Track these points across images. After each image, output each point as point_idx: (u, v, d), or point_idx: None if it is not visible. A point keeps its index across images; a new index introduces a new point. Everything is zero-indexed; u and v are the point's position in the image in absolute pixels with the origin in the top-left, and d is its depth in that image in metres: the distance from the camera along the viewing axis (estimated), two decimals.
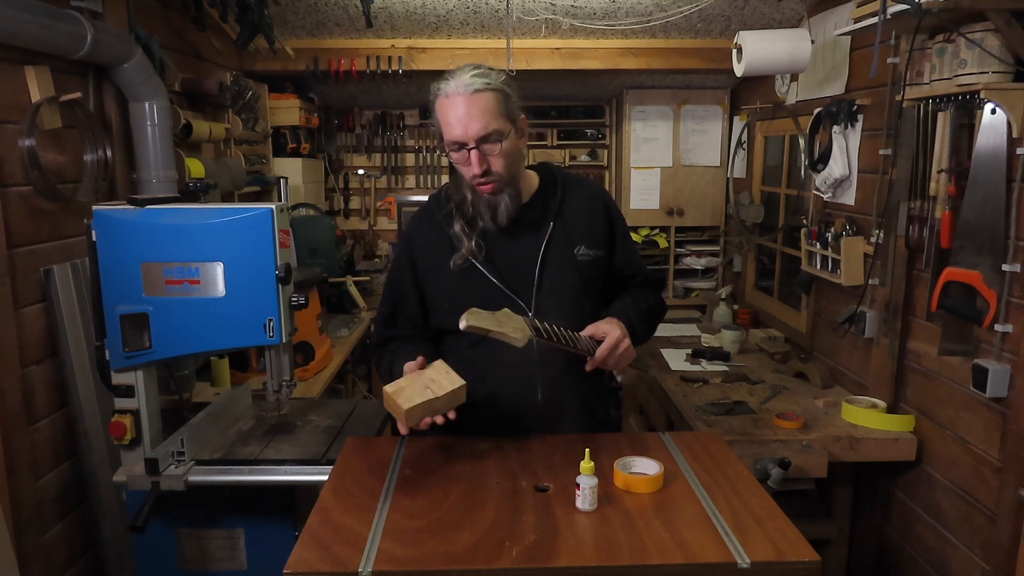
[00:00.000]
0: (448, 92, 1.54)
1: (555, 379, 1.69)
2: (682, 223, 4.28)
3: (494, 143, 1.55)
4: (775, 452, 2.30)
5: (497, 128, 1.54)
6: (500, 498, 1.41)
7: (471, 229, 1.65)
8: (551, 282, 1.67)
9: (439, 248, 1.68)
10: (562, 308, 1.67)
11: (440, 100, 1.56)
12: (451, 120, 1.53)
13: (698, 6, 3.14)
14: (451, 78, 1.55)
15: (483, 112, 1.52)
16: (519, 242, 1.67)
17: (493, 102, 1.54)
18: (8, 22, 1.74)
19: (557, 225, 1.68)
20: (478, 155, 1.54)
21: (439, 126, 1.58)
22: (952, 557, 2.26)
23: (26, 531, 1.90)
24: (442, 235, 1.68)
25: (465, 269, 1.64)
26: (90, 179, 2.18)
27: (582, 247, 1.69)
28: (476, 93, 1.52)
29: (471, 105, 1.52)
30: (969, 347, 2.15)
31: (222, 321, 1.75)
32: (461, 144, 1.54)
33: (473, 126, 1.52)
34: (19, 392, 1.88)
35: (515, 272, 1.66)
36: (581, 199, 1.74)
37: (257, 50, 3.35)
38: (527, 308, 1.65)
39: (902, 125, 2.33)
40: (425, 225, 1.73)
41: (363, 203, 4.60)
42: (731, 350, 3.28)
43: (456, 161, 1.59)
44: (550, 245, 1.67)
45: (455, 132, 1.53)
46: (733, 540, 1.25)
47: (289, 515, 1.86)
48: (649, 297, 1.84)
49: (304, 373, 2.81)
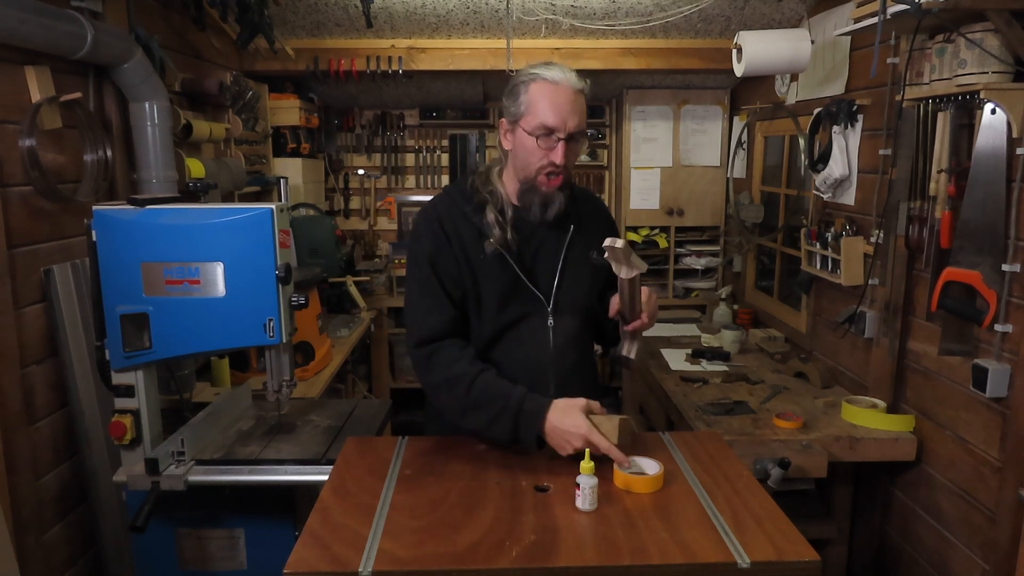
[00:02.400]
0: (556, 79, 1.58)
1: (566, 375, 1.73)
2: (682, 223, 4.28)
3: (579, 142, 1.63)
4: (775, 452, 2.30)
5: (585, 130, 1.63)
6: (500, 498, 1.41)
7: (504, 220, 1.66)
8: (569, 281, 1.72)
9: (469, 234, 1.67)
10: (577, 307, 1.74)
11: (541, 84, 1.58)
12: (552, 106, 1.57)
13: (698, 6, 3.14)
14: (552, 67, 1.59)
15: (582, 111, 1.60)
16: (543, 241, 1.71)
17: (586, 107, 1.63)
18: (8, 22, 1.74)
19: (576, 228, 1.74)
20: (564, 146, 1.59)
21: (526, 108, 1.59)
22: (952, 557, 2.26)
23: (26, 531, 1.90)
24: (470, 224, 1.67)
25: (494, 258, 1.66)
26: (90, 179, 2.18)
27: (595, 252, 1.71)
28: (579, 92, 1.60)
29: (576, 101, 1.59)
30: (969, 347, 2.15)
31: (222, 321, 1.75)
32: (553, 131, 1.58)
33: (573, 120, 1.58)
34: (19, 392, 1.88)
35: (539, 268, 1.70)
36: (592, 208, 1.84)
37: (257, 50, 3.35)
38: (547, 303, 1.70)
39: (902, 125, 2.33)
40: (454, 211, 1.69)
41: (363, 203, 4.60)
42: (731, 350, 3.28)
43: (537, 146, 1.60)
44: (571, 247, 1.73)
45: (552, 119, 1.57)
46: (733, 540, 1.26)
47: (289, 515, 1.86)
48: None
49: (304, 373, 2.81)
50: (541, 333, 1.70)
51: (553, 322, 1.71)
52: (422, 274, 1.66)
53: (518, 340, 1.70)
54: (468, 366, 1.59)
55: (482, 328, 1.69)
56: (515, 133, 1.63)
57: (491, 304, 1.67)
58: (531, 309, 1.70)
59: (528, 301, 1.69)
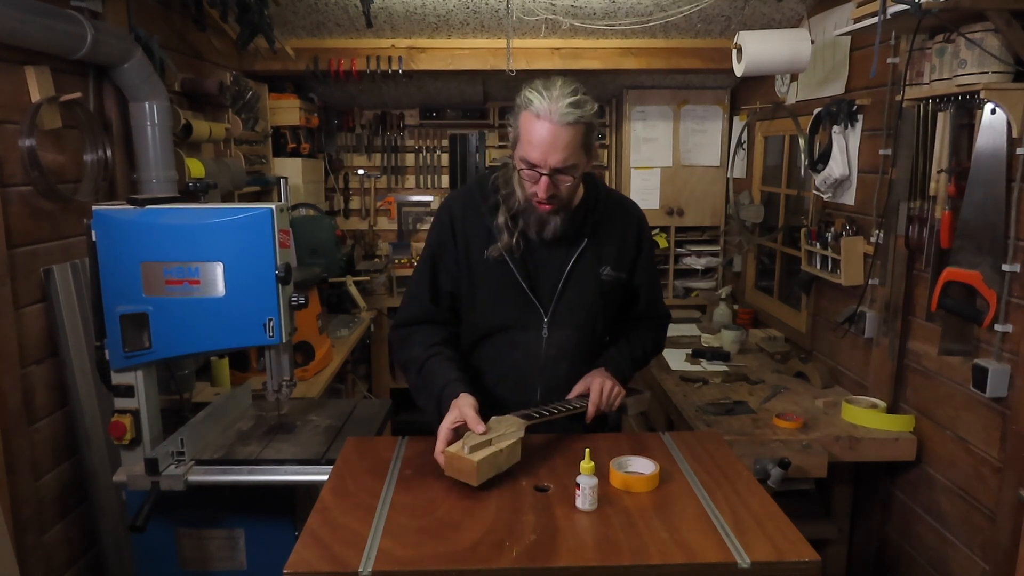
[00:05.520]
0: (539, 112, 1.49)
1: (555, 386, 1.72)
2: (682, 223, 4.29)
3: (567, 175, 1.55)
4: (775, 452, 2.30)
5: (574, 163, 1.54)
6: (500, 498, 1.41)
7: (514, 225, 1.64)
8: (572, 295, 1.70)
9: (478, 234, 1.67)
10: (576, 320, 1.71)
11: (527, 115, 1.51)
12: (533, 141, 1.51)
13: (698, 6, 3.14)
14: (546, 94, 1.49)
15: (567, 146, 1.50)
16: (552, 250, 1.68)
17: (579, 136, 1.52)
18: (8, 22, 1.74)
19: (590, 242, 1.70)
20: (548, 182, 1.53)
21: (517, 134, 1.55)
22: (952, 557, 2.26)
23: (26, 531, 1.90)
24: (482, 223, 1.67)
25: (496, 262, 1.65)
26: (90, 179, 2.18)
27: (608, 268, 1.72)
28: (568, 126, 1.49)
29: (558, 137, 1.49)
30: (969, 347, 2.15)
31: (222, 321, 1.75)
32: (535, 166, 1.53)
33: (554, 157, 1.50)
34: (19, 392, 1.88)
35: (541, 278, 1.68)
36: (619, 220, 1.75)
37: (257, 50, 3.35)
38: (544, 313, 1.69)
39: (902, 125, 2.33)
40: (468, 208, 1.70)
41: (363, 203, 4.60)
42: (731, 350, 3.28)
43: (524, 176, 1.57)
44: (579, 260, 1.69)
45: (533, 155, 1.51)
46: (733, 540, 1.26)
47: (289, 515, 1.86)
48: (646, 341, 1.86)
49: (304, 373, 2.81)
50: (534, 342, 1.70)
51: (548, 333, 1.70)
52: (423, 264, 1.75)
53: (511, 344, 1.71)
54: (423, 350, 1.68)
55: (475, 327, 1.72)
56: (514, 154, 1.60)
57: (485, 305, 1.69)
58: (527, 316, 1.69)
59: (524, 308, 1.69)
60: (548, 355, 1.71)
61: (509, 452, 1.48)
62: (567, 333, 1.71)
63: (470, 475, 1.41)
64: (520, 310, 1.69)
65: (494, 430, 1.49)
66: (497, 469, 1.46)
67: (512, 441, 1.48)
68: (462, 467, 1.42)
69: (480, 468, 1.41)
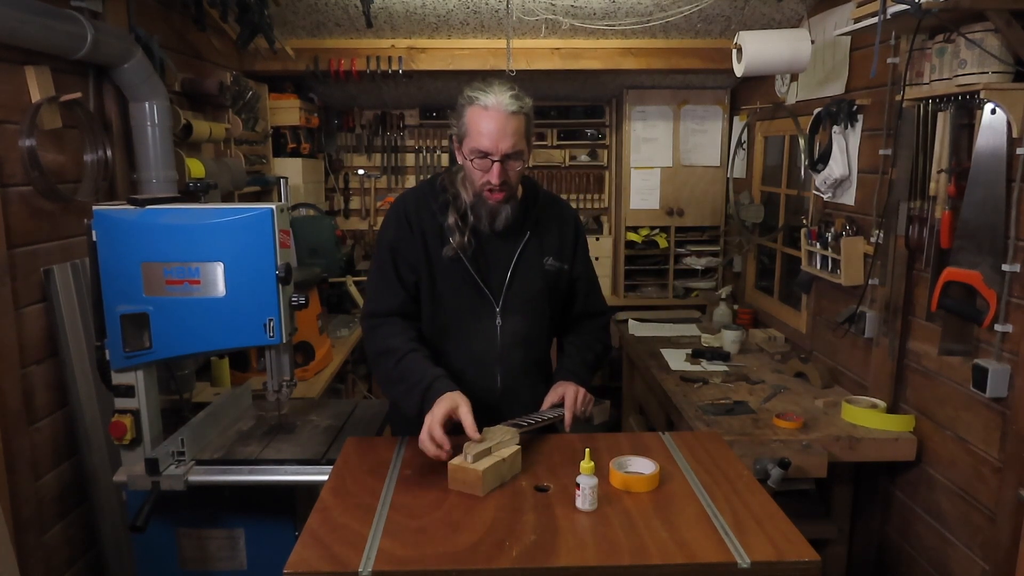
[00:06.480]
0: (487, 104, 1.63)
1: (513, 370, 1.83)
2: (682, 223, 4.29)
3: (516, 161, 1.68)
4: (775, 452, 2.30)
5: (521, 149, 1.68)
6: (500, 498, 1.41)
7: (464, 224, 1.76)
8: (520, 284, 1.81)
9: (432, 229, 1.78)
10: (526, 307, 1.83)
11: (475, 109, 1.65)
12: (483, 131, 1.64)
13: (698, 6, 3.14)
14: (488, 90, 1.64)
15: (515, 132, 1.65)
16: (498, 245, 1.80)
17: (523, 125, 1.67)
18: (8, 22, 1.74)
19: (532, 235, 1.83)
20: (500, 168, 1.66)
21: (465, 130, 1.68)
22: (952, 557, 2.26)
23: (26, 531, 1.90)
24: (434, 220, 1.78)
25: (451, 259, 1.76)
26: (90, 179, 2.18)
27: (551, 258, 1.85)
28: (513, 114, 1.64)
29: (507, 124, 1.63)
30: (969, 347, 2.15)
31: (222, 321, 1.75)
32: (486, 154, 1.65)
33: (504, 143, 1.64)
34: (19, 392, 1.88)
35: (491, 270, 1.80)
36: (555, 216, 1.90)
37: (257, 50, 3.35)
38: (496, 303, 1.80)
39: (902, 125, 2.33)
40: (421, 205, 1.80)
41: (363, 203, 4.60)
42: (731, 350, 3.28)
43: (474, 167, 1.69)
44: (524, 252, 1.81)
45: (485, 143, 1.64)
46: (733, 540, 1.26)
47: (289, 515, 1.86)
48: (594, 344, 1.97)
49: (304, 373, 2.81)
50: (489, 330, 1.80)
51: (501, 321, 1.80)
52: (382, 260, 1.82)
53: (469, 334, 1.80)
54: (402, 343, 1.73)
55: (436, 319, 1.81)
56: (461, 151, 1.72)
57: (444, 298, 1.79)
58: (481, 307, 1.80)
59: (479, 299, 1.79)
60: (504, 343, 1.81)
61: (511, 462, 1.51)
62: (519, 320, 1.81)
63: (475, 485, 1.44)
64: (473, 301, 1.79)
65: (490, 439, 1.52)
66: (500, 479, 1.49)
67: (513, 451, 1.51)
68: (467, 478, 1.45)
69: (485, 478, 1.43)
